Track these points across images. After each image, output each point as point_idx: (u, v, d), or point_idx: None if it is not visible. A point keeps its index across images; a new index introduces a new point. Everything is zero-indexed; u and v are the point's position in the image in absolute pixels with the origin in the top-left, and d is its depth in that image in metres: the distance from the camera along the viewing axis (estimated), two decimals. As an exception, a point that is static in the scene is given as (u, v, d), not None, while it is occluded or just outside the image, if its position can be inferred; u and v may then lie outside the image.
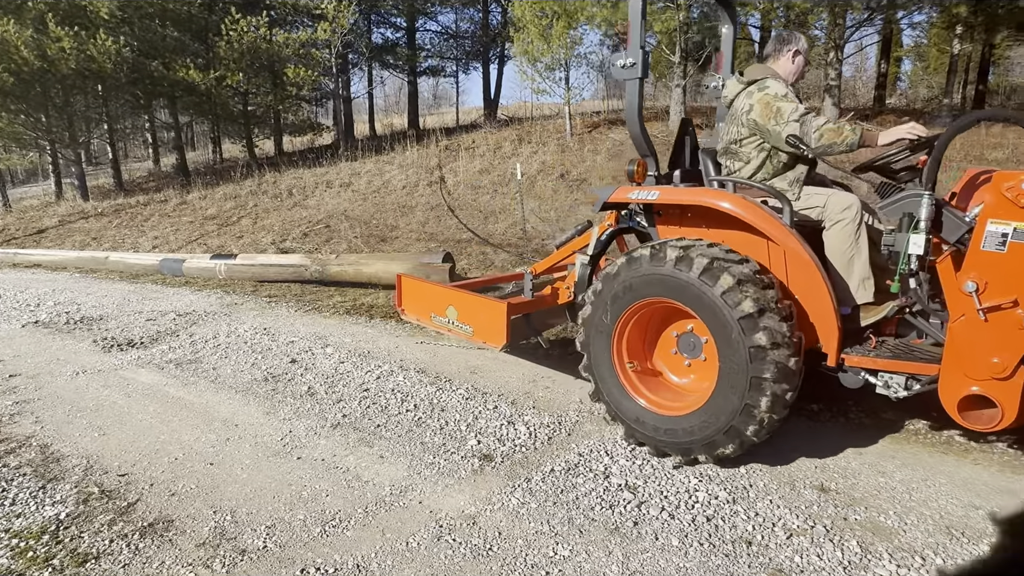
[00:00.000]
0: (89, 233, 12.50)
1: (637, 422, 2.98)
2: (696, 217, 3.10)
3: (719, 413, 2.67)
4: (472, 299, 3.88)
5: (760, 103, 3.02)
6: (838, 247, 2.88)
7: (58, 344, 5.22)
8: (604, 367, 3.11)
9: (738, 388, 2.60)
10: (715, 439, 2.70)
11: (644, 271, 2.86)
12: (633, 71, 3.04)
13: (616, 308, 3.00)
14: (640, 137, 3.21)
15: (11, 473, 2.95)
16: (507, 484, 2.76)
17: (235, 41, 13.81)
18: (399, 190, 12.85)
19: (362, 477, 2.87)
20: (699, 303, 2.69)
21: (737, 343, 2.58)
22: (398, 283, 4.36)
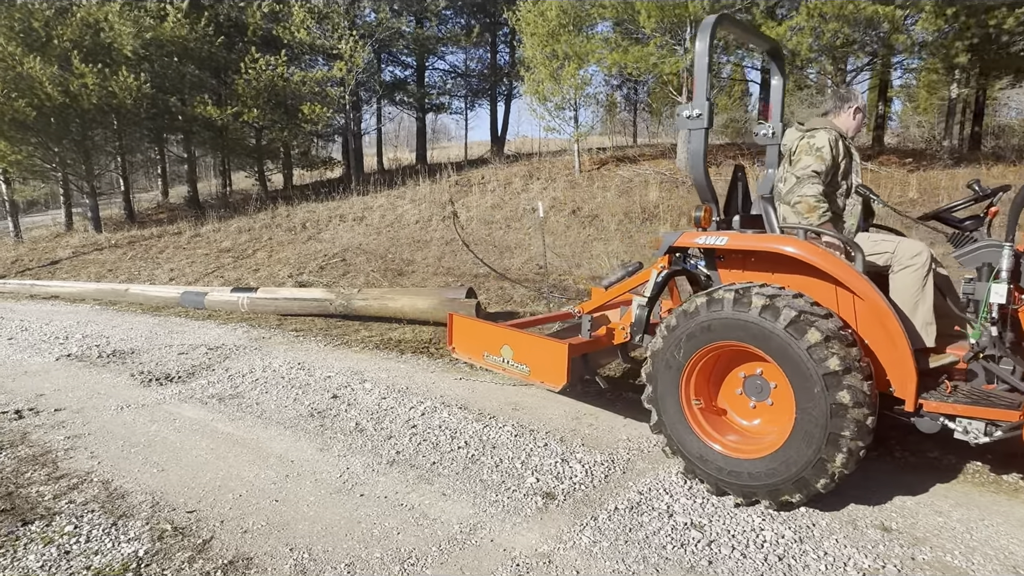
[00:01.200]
0: (104, 265, 12.58)
1: (700, 459, 3.03)
2: (759, 262, 3.18)
3: (790, 463, 2.72)
4: (530, 339, 3.93)
5: (800, 150, 3.22)
6: (906, 291, 2.95)
7: (95, 378, 5.26)
8: (669, 401, 3.15)
9: (814, 441, 2.65)
10: (781, 487, 2.75)
11: (726, 314, 2.89)
12: (699, 121, 3.17)
13: (690, 346, 3.04)
14: (704, 184, 3.30)
15: (79, 510, 2.98)
16: (575, 522, 2.81)
17: (253, 79, 14.16)
18: (412, 224, 13.03)
19: (429, 515, 2.91)
20: (782, 354, 2.73)
21: (819, 398, 2.62)
22: (449, 322, 4.46)
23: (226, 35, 15.24)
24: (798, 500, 2.75)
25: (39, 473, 3.39)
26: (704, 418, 3.13)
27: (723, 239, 3.20)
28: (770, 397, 3.02)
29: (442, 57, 21.26)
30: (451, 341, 4.42)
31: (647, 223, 11.53)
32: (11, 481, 3.29)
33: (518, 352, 3.93)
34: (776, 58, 3.97)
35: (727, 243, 3.18)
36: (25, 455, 3.64)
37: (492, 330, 4.20)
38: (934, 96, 26.53)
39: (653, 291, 3.68)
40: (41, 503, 3.05)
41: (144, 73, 13.74)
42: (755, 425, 3.14)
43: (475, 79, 21.90)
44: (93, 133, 14.60)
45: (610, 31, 15.17)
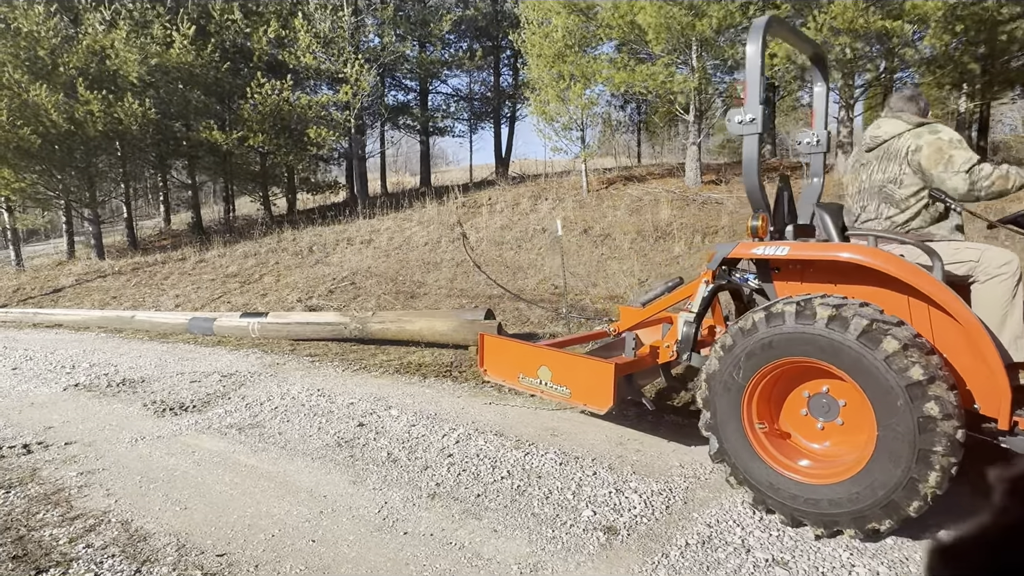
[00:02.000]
0: (108, 292, 12.36)
1: (770, 488, 2.79)
2: (820, 272, 3.01)
3: (876, 486, 2.49)
4: (572, 359, 3.74)
5: (931, 146, 2.90)
6: (994, 303, 2.75)
7: (106, 409, 5.00)
8: (731, 427, 2.93)
9: (902, 460, 2.43)
10: (868, 513, 2.51)
11: (789, 329, 2.70)
12: (752, 127, 3.03)
13: (750, 365, 2.84)
14: (757, 192, 3.13)
15: (98, 555, 2.72)
16: (645, 560, 2.56)
17: (260, 103, 14.11)
18: (421, 246, 12.86)
19: (482, 554, 2.66)
20: (856, 367, 2.53)
21: (903, 411, 2.42)
22: (480, 342, 4.23)
23: (232, 61, 15.24)
24: (887, 527, 2.50)
25: (52, 514, 3.13)
26: (770, 443, 2.90)
27: (784, 249, 3.00)
28: (839, 416, 2.79)
29: (445, 81, 21.37)
30: (482, 363, 4.21)
31: (660, 241, 11.37)
32: (22, 523, 3.03)
33: (558, 373, 3.73)
34: (819, 64, 3.80)
35: (788, 253, 2.98)
36: (36, 493, 3.38)
37: (529, 350, 4.01)
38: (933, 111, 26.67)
39: (701, 306, 3.49)
40: (56, 548, 2.79)
41: (149, 99, 13.68)
42: (824, 448, 2.89)
43: (478, 102, 21.97)
44: (97, 160, 14.50)
45: (614, 52, 15.24)
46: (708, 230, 11.39)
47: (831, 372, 2.67)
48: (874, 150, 3.15)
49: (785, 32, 3.56)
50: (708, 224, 11.67)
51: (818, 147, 3.79)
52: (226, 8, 14.93)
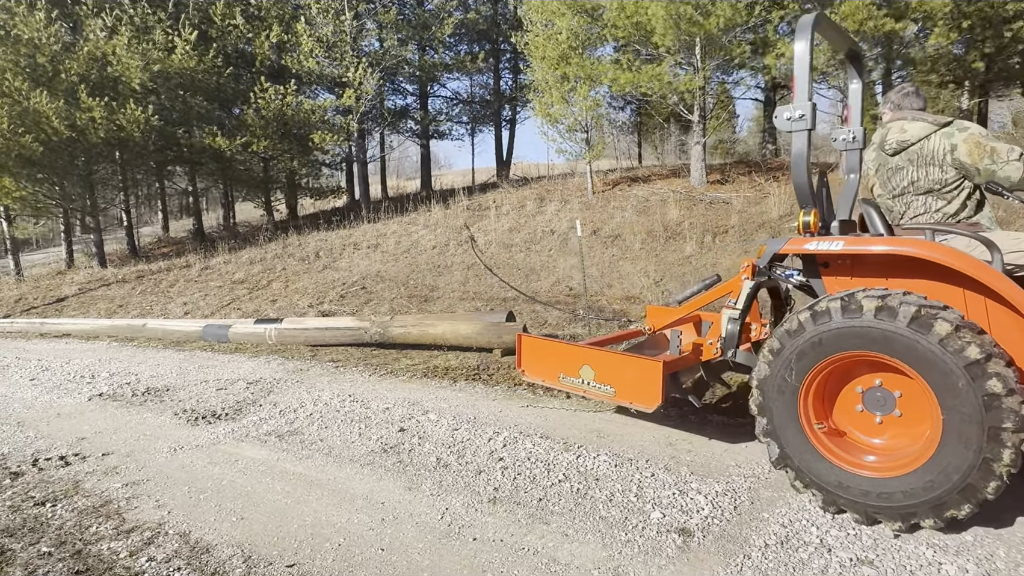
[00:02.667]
0: (113, 300, 12.21)
1: (840, 487, 2.77)
2: (870, 267, 3.03)
3: (950, 471, 2.49)
4: (617, 357, 3.73)
5: (967, 142, 2.95)
6: None
7: (136, 418, 4.91)
8: (790, 430, 2.91)
9: (972, 441, 2.44)
10: (945, 500, 2.50)
11: (837, 324, 2.72)
12: (802, 123, 3.01)
13: (803, 366, 2.85)
14: (806, 187, 3.12)
15: (164, 568, 2.65)
16: (728, 563, 2.52)
17: (263, 109, 14.01)
18: (430, 250, 12.79)
19: (558, 559, 2.60)
20: (911, 354, 2.55)
21: (966, 392, 2.43)
22: (518, 343, 4.20)
23: (234, 66, 15.13)
24: (966, 512, 2.49)
25: (105, 527, 3.06)
26: (832, 442, 2.88)
27: (839, 244, 2.99)
28: (896, 408, 2.80)
29: (444, 84, 21.32)
30: (520, 363, 4.20)
31: (671, 241, 11.36)
32: (76, 537, 2.96)
33: (601, 372, 3.71)
34: (855, 61, 3.82)
35: (843, 248, 2.98)
36: (84, 506, 3.30)
37: (570, 350, 3.98)
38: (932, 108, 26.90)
39: (746, 303, 3.47)
40: (117, 562, 2.72)
41: (151, 105, 13.55)
42: (887, 441, 2.87)
43: (478, 105, 21.93)
44: (99, 167, 14.34)
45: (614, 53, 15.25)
46: (718, 229, 11.39)
47: (885, 364, 2.68)
48: (901, 153, 3.17)
49: (829, 29, 3.55)
50: (718, 224, 11.67)
51: (854, 143, 3.79)
52: (228, 13, 14.82)
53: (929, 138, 3.07)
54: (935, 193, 3.09)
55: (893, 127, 3.24)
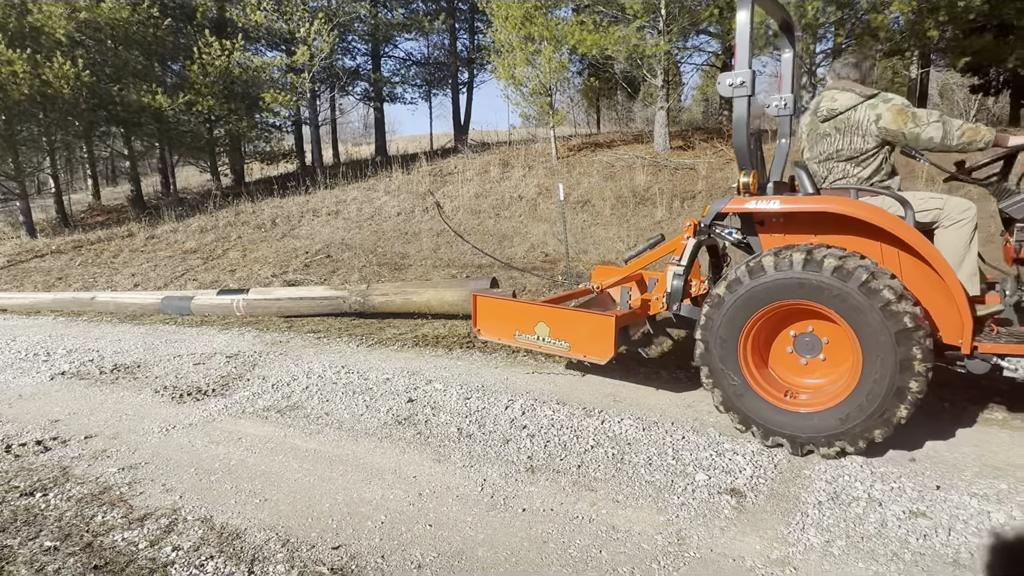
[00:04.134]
0: (50, 273, 11.29)
1: (776, 424, 3.07)
2: (800, 224, 3.27)
3: (869, 401, 2.83)
4: (570, 314, 3.89)
5: (891, 111, 3.19)
6: (954, 245, 3.09)
7: (112, 397, 4.53)
8: (731, 373, 3.17)
9: (887, 372, 2.78)
10: (867, 426, 2.85)
11: (770, 277, 3.01)
12: (743, 89, 3.16)
13: (741, 315, 3.13)
14: (745, 150, 3.31)
15: (195, 557, 2.42)
16: (788, 521, 2.51)
17: (208, 65, 13.01)
18: (395, 217, 12.38)
19: (617, 526, 2.54)
20: (835, 300, 2.87)
21: (889, 353, 2.77)
22: (474, 303, 4.31)
23: (172, 18, 13.93)
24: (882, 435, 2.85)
25: (112, 515, 2.78)
26: (767, 382, 3.20)
27: (775, 203, 3.24)
28: (822, 353, 3.14)
29: (397, 45, 20.42)
30: (476, 323, 4.31)
31: (641, 207, 11.38)
32: (82, 528, 2.68)
33: (556, 328, 3.89)
34: (787, 31, 4.05)
35: (779, 207, 3.23)
36: (80, 494, 3.00)
37: (525, 308, 4.12)
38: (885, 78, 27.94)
39: (689, 259, 3.75)
40: (139, 553, 2.47)
41: (81, 60, 12.35)
42: (813, 381, 3.20)
43: (433, 67, 21.16)
44: (22, 127, 13.05)
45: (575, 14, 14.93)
46: (686, 195, 11.49)
47: (815, 312, 3.01)
48: (830, 121, 3.37)
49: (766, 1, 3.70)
50: (685, 189, 11.77)
51: (786, 110, 4.05)
52: (162, -41, 13.59)
53: (856, 108, 3.27)
54: (855, 160, 3.34)
55: (826, 95, 3.44)
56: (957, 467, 2.87)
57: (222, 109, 13.72)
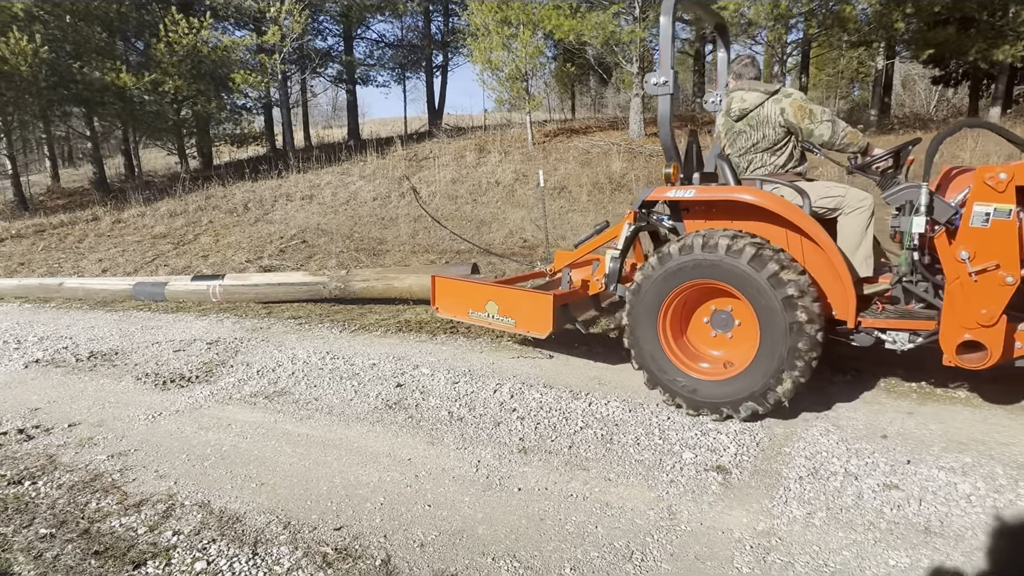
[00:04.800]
0: (11, 258, 10.90)
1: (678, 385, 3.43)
2: (721, 211, 3.53)
3: (759, 377, 3.16)
4: (516, 293, 4.20)
5: (792, 106, 3.50)
6: (853, 230, 3.38)
7: (93, 385, 4.46)
8: (649, 339, 3.51)
9: (775, 356, 3.11)
10: (755, 397, 3.19)
11: (697, 257, 3.29)
12: (665, 88, 3.45)
13: (665, 288, 3.44)
14: (670, 145, 3.60)
15: (196, 541, 2.44)
16: (772, 495, 2.64)
17: (175, 43, 12.59)
18: (370, 202, 12.27)
19: (611, 503, 2.64)
20: (746, 285, 3.17)
21: (779, 318, 3.08)
22: (432, 283, 4.66)
23: (136, -7, 13.43)
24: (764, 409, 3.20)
25: (107, 501, 2.78)
26: (680, 350, 3.55)
27: (690, 192, 3.55)
28: (732, 332, 3.46)
29: (370, 26, 20.03)
30: (435, 302, 4.67)
31: (617, 193, 11.50)
32: (77, 515, 2.67)
33: (503, 306, 4.22)
34: (723, 34, 4.36)
35: (694, 195, 3.54)
36: (71, 482, 2.98)
37: (478, 288, 4.44)
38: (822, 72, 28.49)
39: (625, 244, 4.03)
40: (139, 538, 2.48)
41: (39, 35, 11.84)
42: (719, 353, 3.54)
43: (406, 49, 20.84)
44: (-23, 106, 12.49)
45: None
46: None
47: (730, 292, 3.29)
48: (743, 119, 3.66)
49: (693, 6, 3.93)
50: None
51: (721, 106, 4.22)
52: (124, -70, 13.04)
53: (763, 105, 3.57)
54: (769, 150, 3.63)
55: (735, 96, 3.71)
56: (925, 443, 3.04)
57: (190, 89, 13.33)
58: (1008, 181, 2.75)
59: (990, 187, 2.80)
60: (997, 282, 2.81)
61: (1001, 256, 2.79)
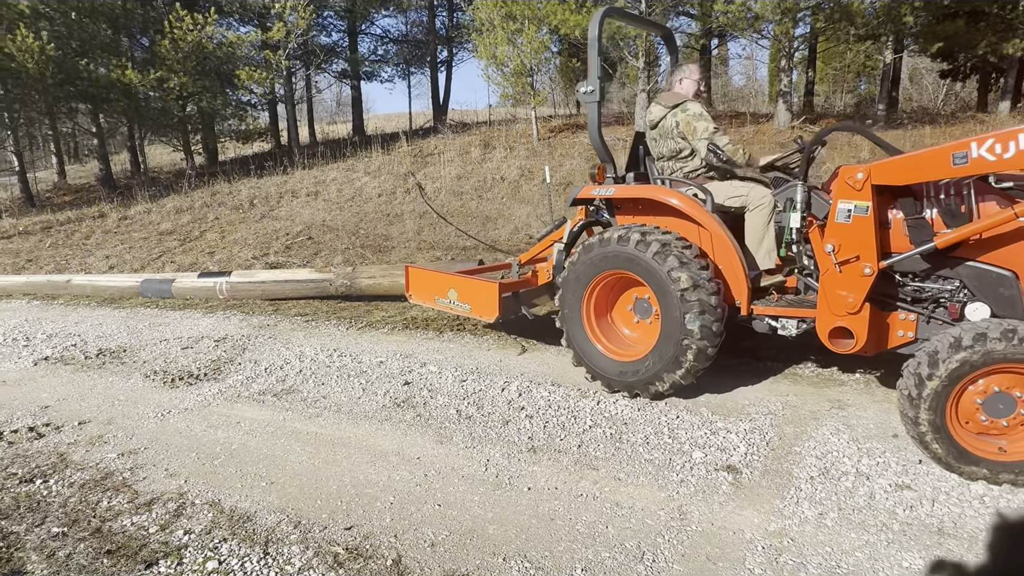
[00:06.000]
0: (19, 255, 10.95)
1: (597, 366, 3.76)
2: (646, 209, 3.81)
3: (659, 360, 3.47)
4: (469, 282, 4.57)
5: (683, 122, 3.80)
6: (757, 226, 3.61)
7: (102, 382, 4.48)
8: (575, 320, 3.84)
9: (672, 342, 3.40)
10: (654, 380, 3.51)
11: (612, 249, 3.58)
12: (592, 96, 3.78)
13: (588, 275, 3.75)
14: (601, 147, 3.95)
15: (207, 540, 2.45)
16: (783, 495, 2.63)
17: (179, 40, 12.59)
18: (376, 198, 12.26)
19: (620, 503, 2.63)
20: (650, 276, 3.45)
21: (676, 308, 3.36)
22: (407, 273, 5.05)
23: (141, -11, 13.42)
24: (664, 390, 3.53)
25: (118, 500, 2.79)
26: (603, 332, 3.86)
27: (611, 190, 3.89)
28: (650, 319, 3.74)
29: (374, 21, 19.97)
30: (408, 289, 5.08)
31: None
32: (88, 513, 2.68)
33: (462, 294, 4.59)
34: (669, 42, 4.65)
35: (614, 193, 3.89)
36: (82, 480, 2.99)
37: (441, 277, 4.84)
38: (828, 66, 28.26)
39: (569, 238, 4.38)
40: (150, 537, 2.49)
41: (46, 32, 11.85)
42: (638, 336, 3.85)
43: (411, 44, 20.77)
44: (-16, 103, 12.52)
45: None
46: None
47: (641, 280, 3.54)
48: (654, 129, 3.99)
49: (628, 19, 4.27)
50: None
51: None
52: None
53: (665, 118, 3.88)
54: (675, 158, 3.92)
55: (651, 108, 4.03)
56: (937, 442, 3.02)
57: (195, 86, 13.33)
58: (864, 180, 2.93)
59: (850, 186, 2.97)
60: (858, 273, 3.00)
61: (861, 249, 2.98)
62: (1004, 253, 2.85)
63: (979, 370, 2.55)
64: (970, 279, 2.94)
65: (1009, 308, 2.84)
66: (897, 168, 2.90)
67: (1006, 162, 2.57)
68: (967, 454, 2.61)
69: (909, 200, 3.03)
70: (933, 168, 2.80)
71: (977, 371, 2.55)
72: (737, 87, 31.23)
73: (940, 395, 2.60)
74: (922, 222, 2.98)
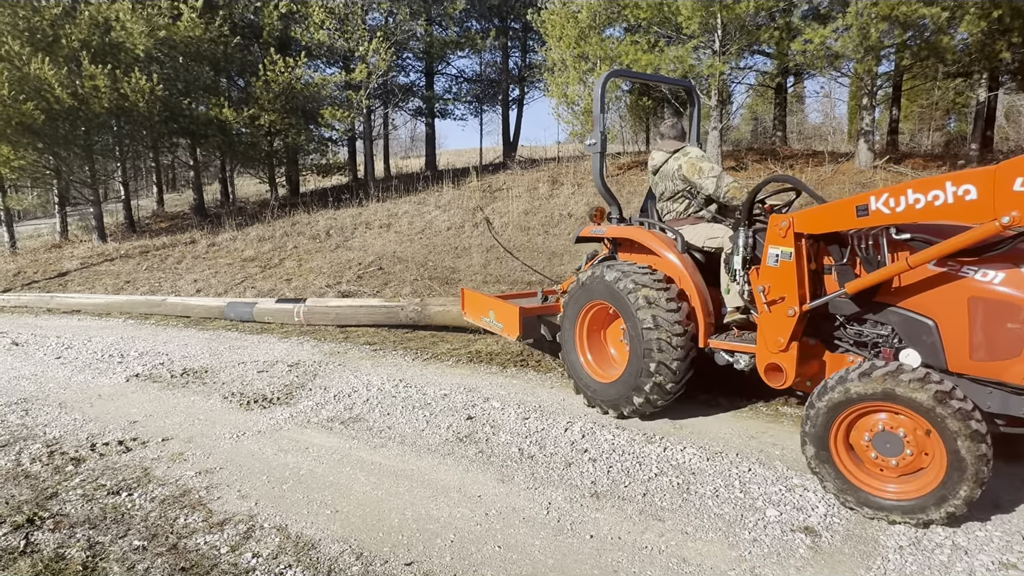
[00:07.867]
0: (119, 276, 11.88)
1: (588, 388, 4.22)
2: (639, 247, 4.14)
3: (625, 387, 3.87)
4: (502, 304, 5.14)
5: (687, 164, 4.09)
6: None
7: (184, 401, 4.74)
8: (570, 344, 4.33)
9: (635, 372, 3.78)
10: (619, 403, 3.94)
11: (597, 282, 4.02)
12: (595, 147, 4.29)
13: (580, 303, 4.24)
14: (604, 192, 4.43)
15: (274, 565, 2.51)
16: (866, 564, 2.44)
17: (272, 81, 13.56)
18: (445, 231, 12.58)
19: (687, 559, 2.51)
20: (624, 309, 3.83)
21: (638, 342, 3.74)
22: (462, 295, 5.74)
23: (242, 36, 14.60)
24: (629, 412, 3.95)
25: (193, 518, 2.91)
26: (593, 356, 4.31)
27: (601, 230, 4.37)
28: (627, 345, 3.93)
29: (450, 62, 20.84)
30: (463, 307, 5.72)
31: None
32: (167, 530, 2.81)
33: (497, 315, 5.15)
34: (689, 93, 4.95)
35: (605, 232, 4.35)
36: (162, 496, 3.15)
37: (485, 299, 5.45)
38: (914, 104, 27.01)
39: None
40: (221, 558, 2.58)
41: (156, 75, 13.05)
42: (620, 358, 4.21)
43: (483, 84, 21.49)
44: (99, 138, 13.84)
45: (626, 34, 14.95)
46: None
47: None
48: (656, 174, 4.33)
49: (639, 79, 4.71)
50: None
51: None
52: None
53: (667, 162, 4.22)
54: (672, 199, 4.26)
55: (653, 154, 4.37)
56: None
57: (283, 123, 14.26)
58: (787, 228, 3.13)
59: (777, 233, 3.17)
60: (783, 313, 3.19)
61: (786, 291, 3.17)
62: (922, 300, 2.92)
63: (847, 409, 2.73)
64: (899, 325, 3.03)
65: (932, 355, 2.87)
66: (814, 217, 3.09)
67: (899, 215, 2.71)
68: None
69: (836, 247, 3.20)
70: (841, 219, 2.96)
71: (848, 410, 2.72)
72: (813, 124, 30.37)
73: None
74: (846, 269, 3.16)
